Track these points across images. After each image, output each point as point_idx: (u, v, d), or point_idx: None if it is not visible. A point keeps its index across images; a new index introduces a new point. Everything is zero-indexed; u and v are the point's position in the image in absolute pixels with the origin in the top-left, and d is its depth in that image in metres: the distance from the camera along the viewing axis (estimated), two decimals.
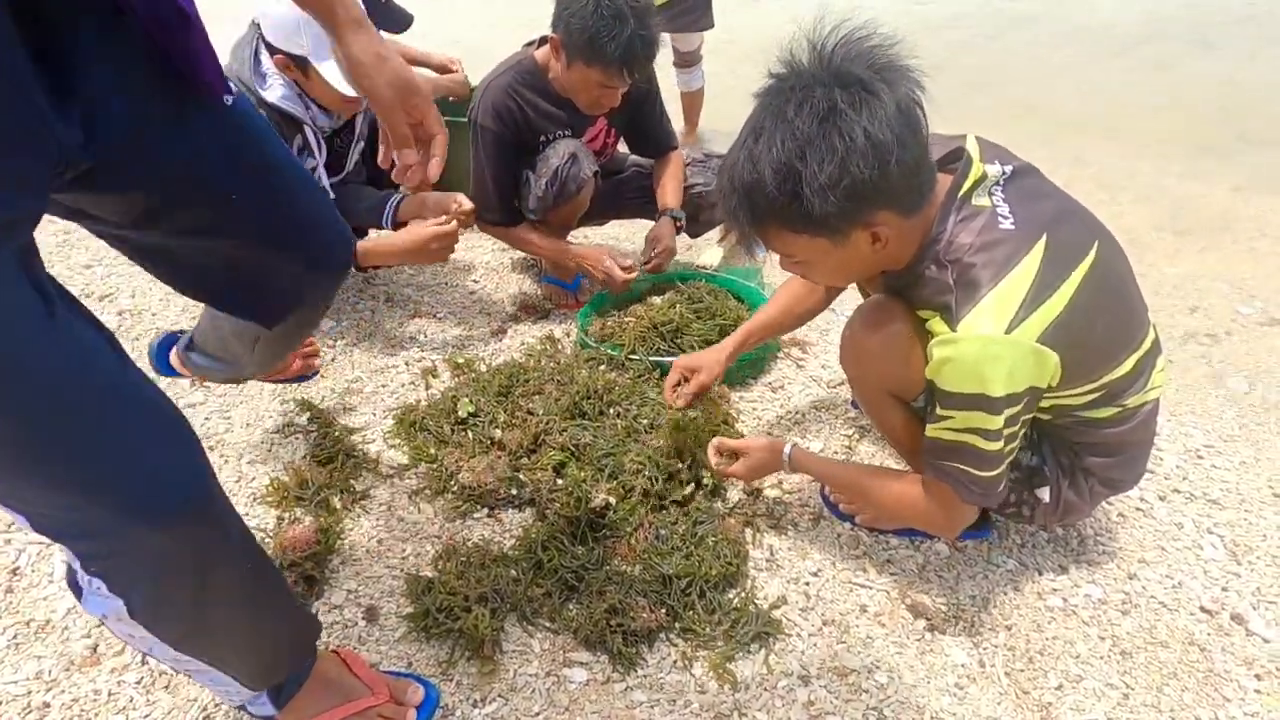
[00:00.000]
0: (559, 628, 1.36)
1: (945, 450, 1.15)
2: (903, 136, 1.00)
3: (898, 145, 0.99)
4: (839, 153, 0.99)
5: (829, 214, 1.03)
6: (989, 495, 1.18)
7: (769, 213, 1.08)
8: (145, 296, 2.32)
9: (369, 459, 1.73)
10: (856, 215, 1.05)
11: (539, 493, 1.59)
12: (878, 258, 1.14)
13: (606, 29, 1.82)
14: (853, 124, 0.98)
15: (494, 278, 2.49)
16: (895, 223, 1.08)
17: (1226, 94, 4.22)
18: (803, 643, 1.34)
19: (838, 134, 0.99)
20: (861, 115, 0.98)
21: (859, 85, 1.00)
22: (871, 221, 1.07)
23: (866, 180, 1.00)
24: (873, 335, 1.26)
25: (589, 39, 1.84)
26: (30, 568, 1.47)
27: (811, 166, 1.00)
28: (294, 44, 1.77)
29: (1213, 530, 1.56)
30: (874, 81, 1.00)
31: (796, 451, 1.43)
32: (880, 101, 0.99)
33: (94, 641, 1.34)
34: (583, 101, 2.03)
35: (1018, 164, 1.19)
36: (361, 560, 1.50)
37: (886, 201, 1.05)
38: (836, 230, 1.07)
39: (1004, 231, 1.09)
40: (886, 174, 1.00)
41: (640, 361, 1.93)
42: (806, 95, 1.00)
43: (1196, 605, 1.40)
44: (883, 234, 1.08)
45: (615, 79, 1.91)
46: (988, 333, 1.04)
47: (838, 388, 1.98)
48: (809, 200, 1.02)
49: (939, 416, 1.13)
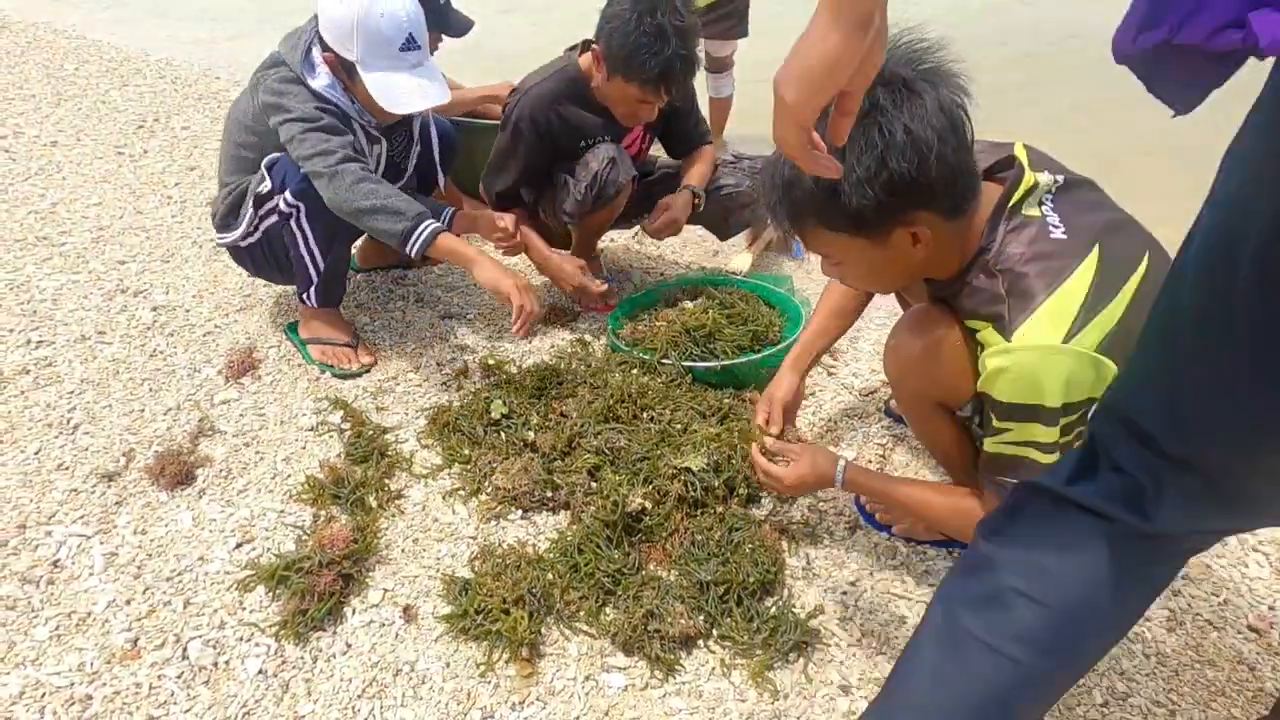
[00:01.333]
0: (596, 631, 1.35)
1: (1005, 464, 1.13)
2: (944, 135, 1.00)
3: (938, 142, 1.00)
4: (878, 147, 1.00)
5: (866, 209, 1.03)
6: None
7: (808, 209, 1.09)
8: (179, 293, 2.34)
9: (403, 459, 1.73)
10: (895, 212, 1.05)
11: (574, 496, 1.58)
12: (917, 261, 1.13)
13: (648, 46, 1.81)
14: (893, 120, 0.99)
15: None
16: (936, 224, 1.08)
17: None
18: (842, 653, 1.33)
19: (878, 129, 1.00)
20: (902, 112, 1.00)
21: (901, 83, 1.01)
22: (911, 220, 1.06)
23: (905, 175, 1.01)
24: (918, 341, 1.25)
25: (629, 54, 1.84)
26: (71, 560, 1.49)
27: (850, 161, 1.01)
28: (345, 48, 1.76)
29: (1258, 548, 1.53)
30: (917, 81, 1.01)
31: (852, 470, 1.36)
32: (922, 100, 1.00)
33: (135, 634, 1.35)
34: (620, 113, 2.04)
35: (1070, 175, 1.18)
36: (397, 560, 1.50)
37: (926, 200, 1.05)
38: (875, 228, 1.07)
39: (1056, 242, 1.08)
40: (925, 170, 1.01)
41: (673, 366, 1.93)
42: None
43: (1244, 623, 1.38)
44: (922, 234, 1.08)
45: (653, 96, 1.92)
46: (1045, 342, 1.03)
47: (870, 395, 1.97)
48: (847, 195, 1.03)
49: (995, 429, 1.11)
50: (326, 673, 1.30)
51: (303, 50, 1.80)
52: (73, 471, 1.68)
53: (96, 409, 1.87)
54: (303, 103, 1.77)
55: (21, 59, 4.69)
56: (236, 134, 1.93)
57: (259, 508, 1.61)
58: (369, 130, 1.90)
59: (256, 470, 1.71)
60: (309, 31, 1.83)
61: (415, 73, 1.79)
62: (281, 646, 1.33)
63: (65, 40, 5.12)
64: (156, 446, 1.75)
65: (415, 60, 1.79)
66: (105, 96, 4.07)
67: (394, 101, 1.77)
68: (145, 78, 4.41)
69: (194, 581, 1.45)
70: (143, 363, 2.03)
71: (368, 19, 1.71)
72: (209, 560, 1.49)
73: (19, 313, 2.21)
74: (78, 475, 1.67)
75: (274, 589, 1.41)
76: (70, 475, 1.68)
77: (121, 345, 2.10)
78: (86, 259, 2.51)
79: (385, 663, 1.31)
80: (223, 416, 1.86)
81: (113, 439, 1.78)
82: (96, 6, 6.24)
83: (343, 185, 1.73)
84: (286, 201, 1.84)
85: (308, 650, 1.33)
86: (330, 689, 1.27)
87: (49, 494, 1.62)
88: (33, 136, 3.51)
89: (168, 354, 2.07)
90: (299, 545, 1.49)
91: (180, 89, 4.24)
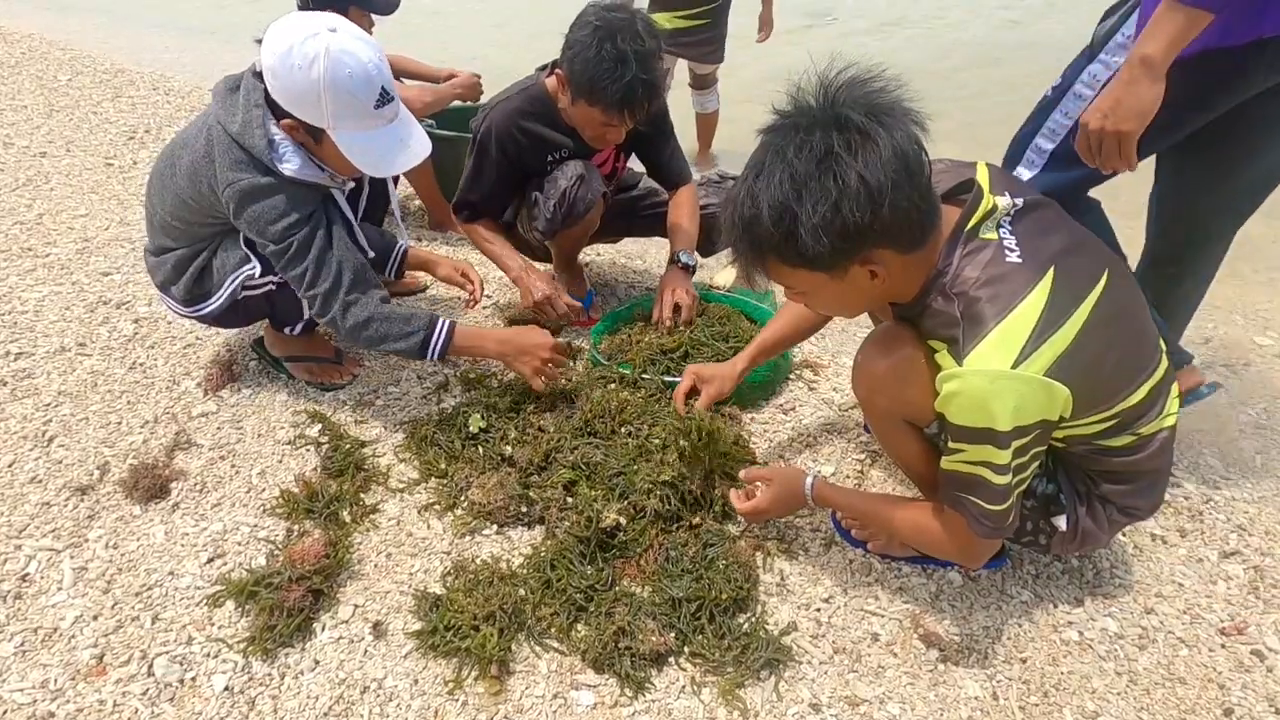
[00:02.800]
0: (567, 649, 1.35)
1: (960, 482, 1.16)
2: (898, 180, 1.02)
3: (892, 189, 1.01)
4: (832, 195, 1.02)
5: (823, 253, 1.06)
6: (999, 529, 1.18)
7: (767, 247, 1.11)
8: (161, 305, 2.33)
9: (379, 473, 1.73)
10: (851, 253, 1.08)
11: (549, 511, 1.58)
12: (877, 291, 1.16)
13: (608, 72, 1.82)
14: (847, 168, 1.01)
15: (506, 294, 2.50)
16: (892, 259, 1.10)
17: None
18: (814, 670, 1.32)
19: (832, 177, 1.02)
20: (857, 159, 1.01)
21: (856, 130, 1.02)
22: (868, 259, 1.09)
23: (859, 223, 1.03)
24: (882, 361, 1.26)
25: (590, 80, 1.85)
26: (40, 574, 1.47)
27: (806, 207, 1.03)
28: (312, 114, 1.57)
29: (1231, 564, 1.53)
30: (870, 126, 1.02)
31: (819, 484, 1.42)
32: (876, 146, 1.01)
33: (101, 651, 1.33)
34: (587, 135, 2.06)
35: (1030, 196, 1.19)
36: (370, 575, 1.49)
37: (881, 240, 1.07)
38: (833, 266, 1.09)
39: (1010, 265, 1.10)
40: (879, 217, 1.03)
41: (653, 381, 1.93)
42: (806, 136, 1.03)
43: (1216, 641, 1.38)
44: (879, 270, 1.10)
45: (616, 119, 1.93)
46: (994, 367, 1.04)
47: (850, 410, 1.97)
48: (803, 240, 1.05)
49: (951, 449, 1.14)
50: (293, 690, 1.28)
51: (261, 131, 1.59)
52: (46, 484, 1.68)
53: (73, 421, 1.86)
54: (283, 214, 1.63)
55: (15, 70, 4.71)
56: (174, 207, 1.73)
57: (232, 522, 1.60)
58: (339, 184, 1.77)
59: (231, 484, 1.70)
60: (252, 104, 1.60)
61: (394, 127, 1.65)
62: (249, 663, 1.32)
63: (59, 51, 5.14)
64: (132, 459, 1.74)
65: (390, 115, 1.63)
66: (97, 108, 4.08)
67: (373, 164, 1.65)
68: (138, 89, 4.43)
69: (163, 596, 1.44)
70: (122, 375, 2.03)
71: (335, 82, 1.51)
72: (180, 575, 1.48)
73: None
74: (50, 488, 1.66)
75: (243, 604, 1.40)
76: (43, 488, 1.67)
77: (101, 357, 2.09)
78: (70, 270, 2.51)
79: (353, 680, 1.30)
80: (200, 429, 1.85)
81: (88, 452, 1.77)
82: (92, 18, 6.27)
83: (346, 329, 1.71)
84: (276, 281, 1.79)
85: (275, 667, 1.32)
86: (296, 706, 1.26)
87: (20, 507, 1.61)
88: (22, 147, 3.52)
89: (148, 366, 2.07)
90: (270, 560, 1.48)
91: (173, 100, 4.26)
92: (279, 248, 1.66)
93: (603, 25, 1.83)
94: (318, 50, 1.50)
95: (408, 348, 1.74)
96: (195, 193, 1.69)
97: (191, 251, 1.80)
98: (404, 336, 1.73)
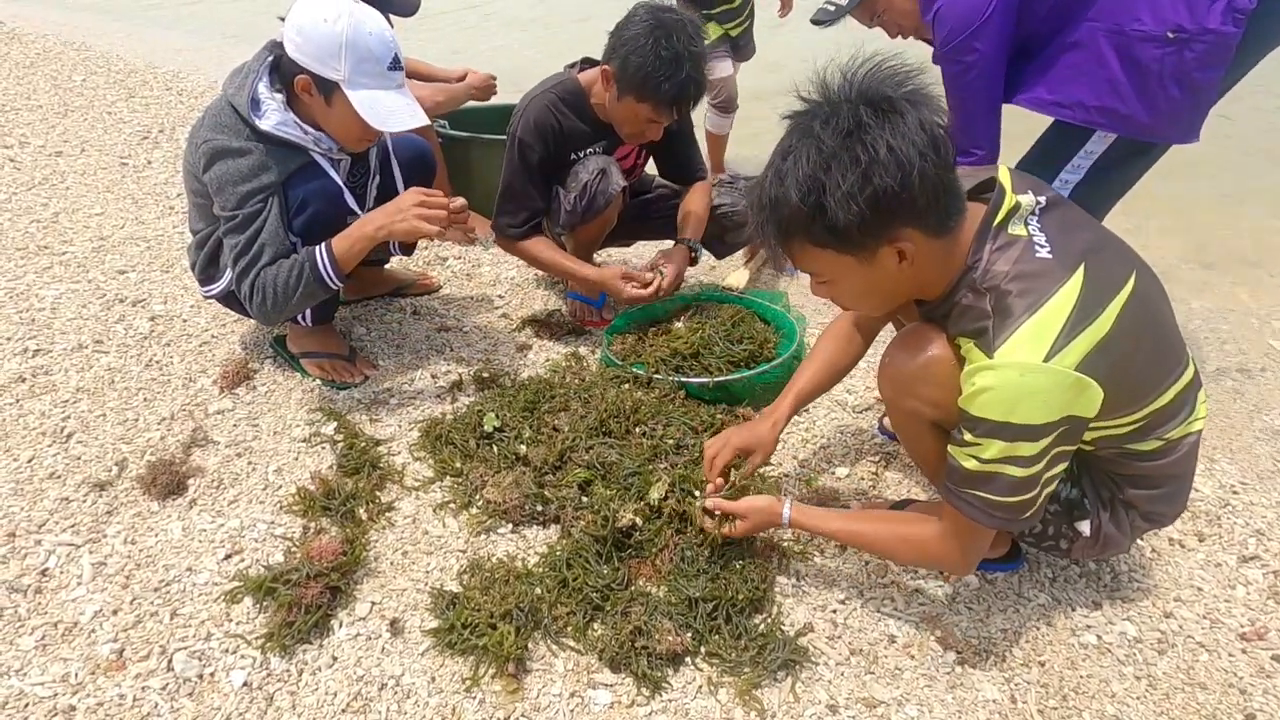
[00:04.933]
0: (584, 647, 1.35)
1: (969, 478, 1.13)
2: (925, 152, 1.02)
3: (920, 159, 1.02)
4: (862, 163, 1.02)
5: (852, 224, 1.05)
6: (1012, 521, 1.15)
7: (795, 226, 1.10)
8: (176, 303, 2.35)
9: (395, 471, 1.73)
10: (881, 229, 1.06)
11: (564, 510, 1.58)
12: (905, 279, 1.14)
13: (664, 69, 1.87)
14: (876, 137, 1.02)
15: (519, 293, 2.51)
16: (921, 241, 1.09)
17: (1260, 124, 4.17)
18: (830, 671, 1.32)
19: (861, 146, 1.02)
20: (885, 130, 1.02)
21: (885, 102, 1.03)
22: (896, 237, 1.08)
23: (889, 190, 1.02)
24: (910, 361, 1.25)
25: (645, 77, 1.89)
26: (60, 569, 1.48)
27: (835, 177, 1.03)
28: (329, 67, 1.67)
29: (1250, 569, 1.52)
30: (899, 100, 1.03)
31: (795, 512, 1.38)
32: (903, 119, 1.02)
33: (120, 645, 1.34)
34: (626, 131, 2.08)
35: (1051, 195, 1.19)
36: (386, 573, 1.50)
37: (910, 217, 1.06)
38: (861, 246, 1.08)
39: (1041, 260, 1.09)
40: (909, 186, 1.02)
41: (666, 381, 1.93)
42: (833, 112, 1.04)
43: (1236, 646, 1.37)
44: (908, 251, 1.09)
45: (665, 116, 1.98)
46: (1026, 359, 1.03)
47: (863, 413, 1.97)
48: (832, 211, 1.04)
49: (966, 443, 1.11)
50: (311, 686, 1.29)
51: (249, 88, 1.72)
52: (64, 480, 1.69)
53: (91, 418, 1.87)
54: (245, 179, 1.71)
55: (31, 70, 4.74)
56: (189, 182, 1.86)
57: (249, 518, 1.61)
58: (329, 156, 1.82)
59: (248, 481, 1.71)
60: (257, 66, 1.75)
61: (400, 92, 1.76)
62: (267, 659, 1.32)
63: (74, 52, 5.18)
64: (149, 456, 1.75)
65: (399, 81, 1.76)
66: (112, 108, 4.11)
67: (381, 119, 1.70)
68: (152, 89, 4.46)
69: (181, 592, 1.45)
70: (138, 372, 2.04)
71: (356, 37, 1.65)
72: (197, 571, 1.49)
73: (17, 321, 2.23)
74: (69, 484, 1.67)
75: (261, 601, 1.41)
76: (62, 484, 1.68)
77: (118, 354, 2.11)
78: (87, 268, 2.53)
79: (370, 676, 1.30)
80: (216, 427, 1.86)
81: (106, 448, 1.78)
82: (107, 18, 6.31)
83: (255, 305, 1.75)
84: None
85: (293, 663, 1.32)
86: (314, 702, 1.26)
87: (40, 503, 1.63)
88: (38, 146, 3.54)
89: (164, 364, 2.08)
90: (288, 557, 1.49)
91: (187, 100, 4.28)
92: (229, 212, 1.74)
93: (658, 24, 1.87)
94: (342, 10, 1.67)
95: (304, 282, 1.73)
96: (191, 158, 1.80)
97: (209, 230, 1.89)
98: (295, 275, 1.73)
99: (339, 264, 1.75)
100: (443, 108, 2.70)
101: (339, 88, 1.70)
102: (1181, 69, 1.57)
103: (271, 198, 1.74)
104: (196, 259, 1.94)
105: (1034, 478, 1.10)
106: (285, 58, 1.72)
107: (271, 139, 1.73)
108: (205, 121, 1.77)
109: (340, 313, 2.22)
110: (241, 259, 1.74)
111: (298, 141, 1.75)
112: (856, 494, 1.71)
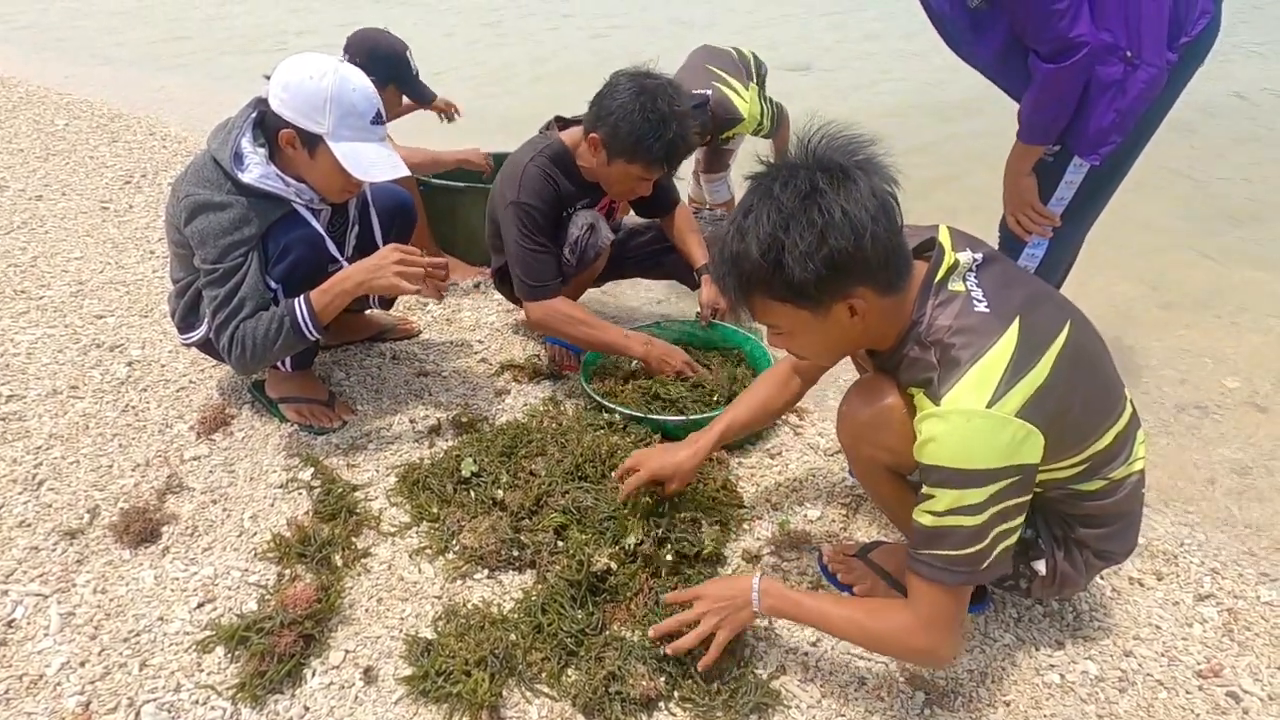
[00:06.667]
0: (558, 694, 1.35)
1: (927, 537, 1.16)
2: (876, 216, 1.10)
3: (872, 223, 1.10)
4: (818, 225, 1.09)
5: (809, 281, 1.11)
6: (973, 573, 1.15)
7: (755, 281, 1.16)
8: (155, 348, 2.36)
9: (371, 516, 1.74)
10: (835, 286, 1.13)
11: (540, 555, 1.60)
12: (857, 332, 1.21)
13: (652, 132, 1.97)
14: (831, 202, 1.09)
15: (498, 338, 2.54)
16: (872, 299, 1.16)
17: (1209, 171, 4.36)
18: (802, 714, 1.34)
19: (817, 209, 1.10)
20: (840, 195, 1.10)
21: (838, 169, 1.12)
22: (849, 294, 1.15)
23: (844, 250, 1.10)
24: (865, 409, 1.31)
25: (635, 140, 1.98)
26: (26, 620, 1.47)
27: (793, 236, 1.10)
28: (313, 121, 1.73)
29: (1207, 607, 1.57)
30: (851, 168, 1.12)
31: (767, 601, 1.31)
32: (856, 185, 1.11)
33: (87, 698, 1.32)
34: (616, 191, 2.19)
35: (987, 251, 1.27)
36: (361, 620, 1.50)
37: (863, 276, 1.13)
38: (817, 301, 1.15)
39: (979, 315, 1.16)
40: (861, 247, 1.10)
41: (642, 425, 1.96)
42: (791, 175, 1.13)
43: (1193, 683, 1.41)
44: (859, 307, 1.16)
45: (655, 173, 2.09)
46: (970, 406, 1.10)
47: (835, 455, 2.01)
48: (790, 268, 1.11)
49: (923, 496, 1.16)
50: None
51: (232, 144, 1.77)
52: (34, 529, 1.67)
53: (63, 465, 1.86)
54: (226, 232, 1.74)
55: (12, 114, 4.77)
56: (171, 234, 1.89)
57: (223, 566, 1.60)
58: (310, 207, 1.87)
59: (223, 528, 1.71)
60: (241, 121, 1.81)
61: (382, 145, 1.83)
62: (238, 710, 1.31)
63: (57, 96, 5.22)
64: (122, 503, 1.74)
65: (381, 135, 1.84)
66: (94, 152, 4.14)
67: (363, 169, 1.76)
68: (135, 134, 4.49)
69: (152, 642, 1.43)
70: (114, 418, 2.04)
71: (341, 92, 1.73)
72: (169, 620, 1.48)
73: None
74: (39, 532, 1.66)
75: (233, 650, 1.40)
76: (31, 532, 1.66)
77: (94, 400, 2.11)
78: (64, 313, 2.53)
79: None
80: (192, 473, 1.86)
81: (78, 495, 1.77)
82: (92, 63, 6.38)
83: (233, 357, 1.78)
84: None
85: (264, 714, 1.31)
86: None
87: (8, 551, 1.61)
88: (18, 190, 3.56)
89: (140, 409, 2.08)
90: (261, 605, 1.49)
91: (169, 145, 4.32)
92: (209, 265, 1.77)
93: (642, 90, 1.97)
94: (329, 68, 1.75)
95: (283, 334, 1.76)
96: (174, 215, 1.84)
97: (189, 279, 1.91)
98: (275, 327, 1.75)
99: (318, 317, 1.79)
100: (421, 168, 2.75)
101: (322, 140, 1.76)
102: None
103: (252, 252, 1.78)
104: (176, 306, 1.97)
105: (984, 526, 1.13)
106: (270, 113, 1.78)
107: (253, 191, 1.78)
108: (188, 176, 1.82)
109: (320, 357, 2.24)
110: (221, 311, 1.77)
111: (279, 193, 1.80)
112: (828, 536, 1.74)
